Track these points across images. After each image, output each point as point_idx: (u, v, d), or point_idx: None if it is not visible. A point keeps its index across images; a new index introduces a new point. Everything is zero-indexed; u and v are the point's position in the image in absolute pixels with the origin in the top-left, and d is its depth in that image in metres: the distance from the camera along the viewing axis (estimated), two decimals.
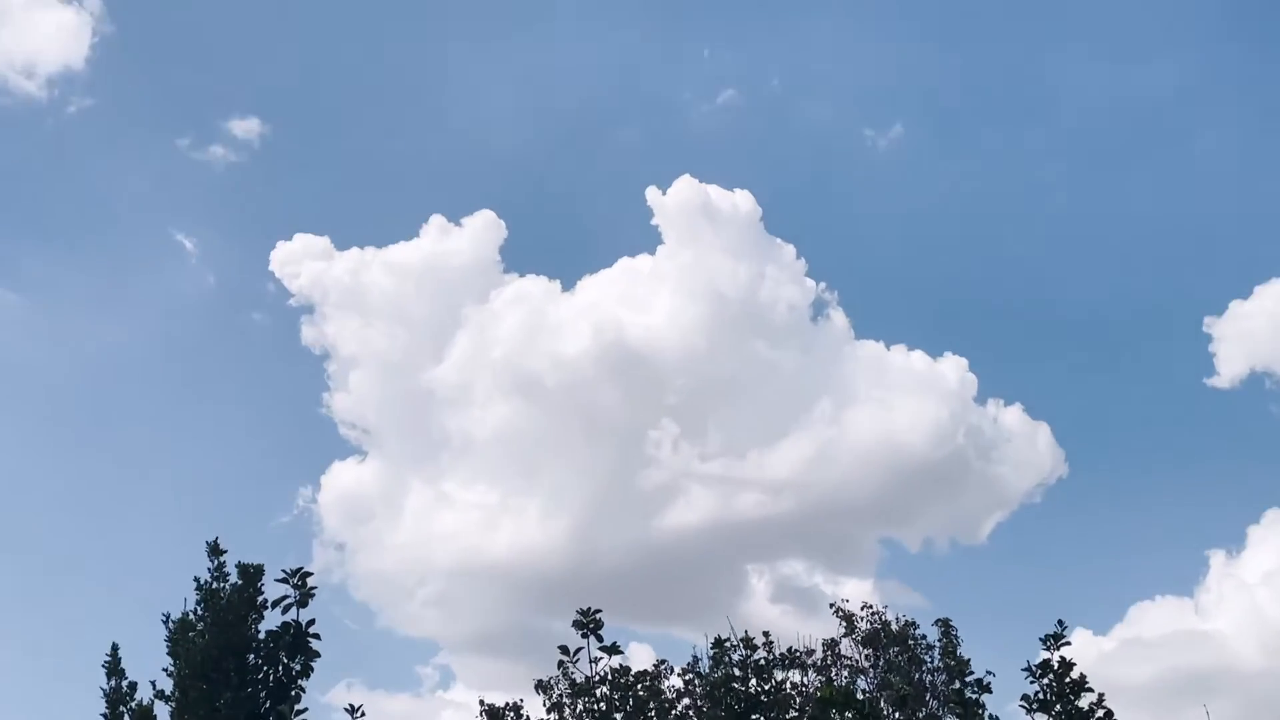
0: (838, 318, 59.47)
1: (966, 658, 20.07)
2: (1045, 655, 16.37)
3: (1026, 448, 57.35)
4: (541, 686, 17.24)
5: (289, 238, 59.05)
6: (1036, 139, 71.66)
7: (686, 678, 19.20)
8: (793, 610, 47.74)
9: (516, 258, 65.53)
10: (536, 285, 58.90)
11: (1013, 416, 58.51)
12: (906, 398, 57.15)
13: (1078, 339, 67.71)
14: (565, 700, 16.36)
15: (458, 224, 58.83)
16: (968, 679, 18.36)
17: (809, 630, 27.73)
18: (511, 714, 17.35)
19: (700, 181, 56.57)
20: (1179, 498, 60.25)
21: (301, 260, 57.88)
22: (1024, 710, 16.17)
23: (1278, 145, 70.37)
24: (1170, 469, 62.82)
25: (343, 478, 59.07)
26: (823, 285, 57.93)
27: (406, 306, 58.49)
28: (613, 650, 15.76)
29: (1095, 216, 69.70)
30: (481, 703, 18.69)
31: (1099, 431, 65.47)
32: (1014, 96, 72.72)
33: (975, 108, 72.90)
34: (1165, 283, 68.07)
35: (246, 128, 62.62)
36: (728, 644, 16.77)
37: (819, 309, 58.49)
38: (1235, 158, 70.16)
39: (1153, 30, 70.64)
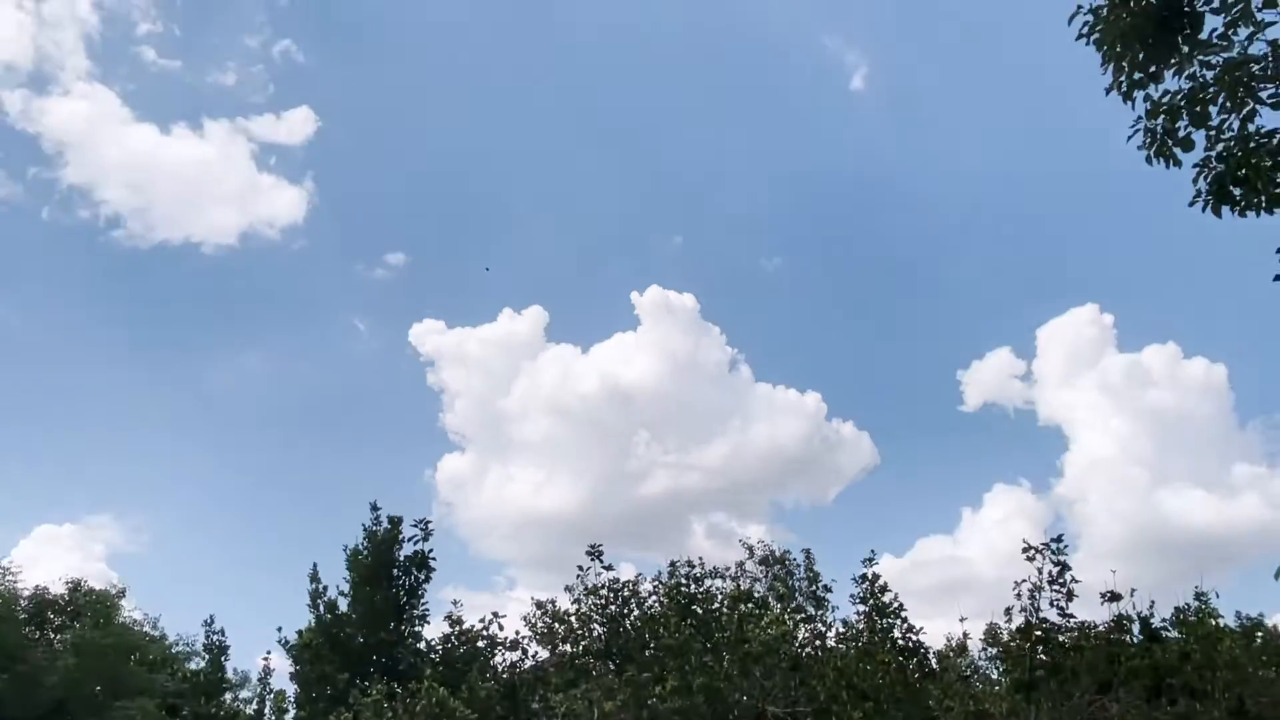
0: (745, 369, 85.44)
1: (818, 572, 30.27)
2: (863, 571, 25.91)
3: (855, 447, 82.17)
4: (568, 589, 27.16)
5: (420, 321, 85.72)
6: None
7: (654, 584, 28.93)
8: (719, 543, 72.71)
9: (555, 333, 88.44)
10: (566, 350, 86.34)
11: (848, 429, 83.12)
12: (784, 417, 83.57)
13: (883, 380, 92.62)
14: (581, 597, 26.25)
15: (519, 313, 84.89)
16: (820, 585, 28.55)
17: (728, 556, 41.15)
18: (550, 604, 27.36)
19: (663, 289, 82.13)
20: (946, 475, 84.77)
21: (427, 335, 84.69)
22: (851, 603, 26.08)
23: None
24: (941, 459, 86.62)
25: (450, 464, 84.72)
26: (735, 350, 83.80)
27: (489, 362, 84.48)
28: (609, 568, 25.96)
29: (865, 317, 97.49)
30: (533, 599, 28.38)
31: (900, 436, 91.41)
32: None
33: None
34: (926, 342, 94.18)
35: (395, 260, 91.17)
36: (677, 564, 26.91)
37: (734, 364, 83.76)
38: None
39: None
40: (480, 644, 23.33)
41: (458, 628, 23.28)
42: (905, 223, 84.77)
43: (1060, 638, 22.07)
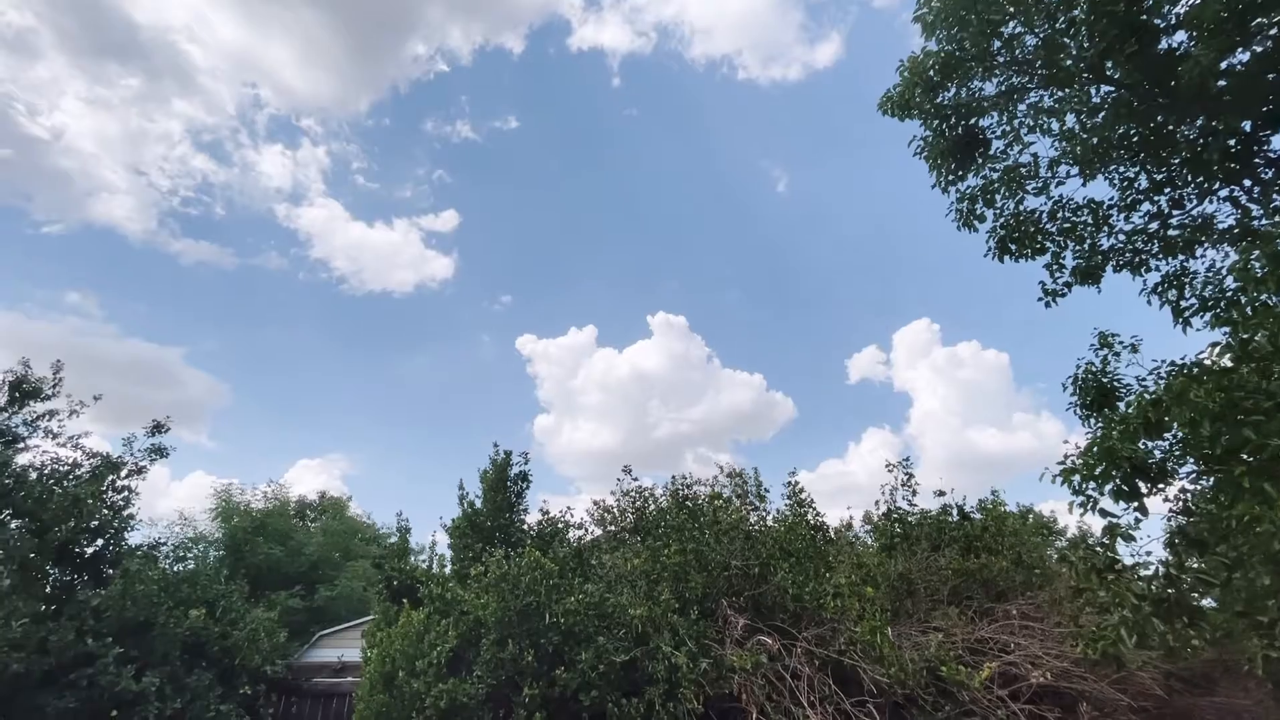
0: (716, 361, 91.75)
1: (761, 481, 42.17)
2: (788, 480, 36.97)
3: (783, 407, 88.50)
4: (612, 493, 36.18)
5: (521, 335, 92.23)
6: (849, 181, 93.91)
7: (663, 490, 39.96)
8: (702, 466, 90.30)
9: (602, 340, 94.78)
10: (609, 352, 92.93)
11: (779, 396, 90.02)
12: (741, 390, 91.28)
13: (801, 364, 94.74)
14: (620, 498, 39.16)
15: (580, 329, 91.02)
16: (762, 489, 41.96)
17: (707, 473, 54.45)
18: (601, 502, 40.63)
19: (667, 314, 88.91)
20: (839, 423, 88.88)
21: (527, 344, 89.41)
22: (781, 498, 37.33)
23: None
24: (836, 413, 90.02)
25: (541, 421, 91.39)
26: (710, 349, 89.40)
27: (562, 359, 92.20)
28: (636, 480, 40.14)
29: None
30: (591, 499, 37.84)
31: (811, 400, 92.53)
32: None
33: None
34: (827, 341, 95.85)
35: (506, 299, 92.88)
36: (677, 478, 39.80)
37: (709, 358, 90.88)
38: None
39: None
40: (559, 526, 30.49)
41: (545, 516, 30.08)
42: (813, 268, 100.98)
43: (909, 518, 29.10)
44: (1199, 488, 15.69)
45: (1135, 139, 20.01)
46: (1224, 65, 18.04)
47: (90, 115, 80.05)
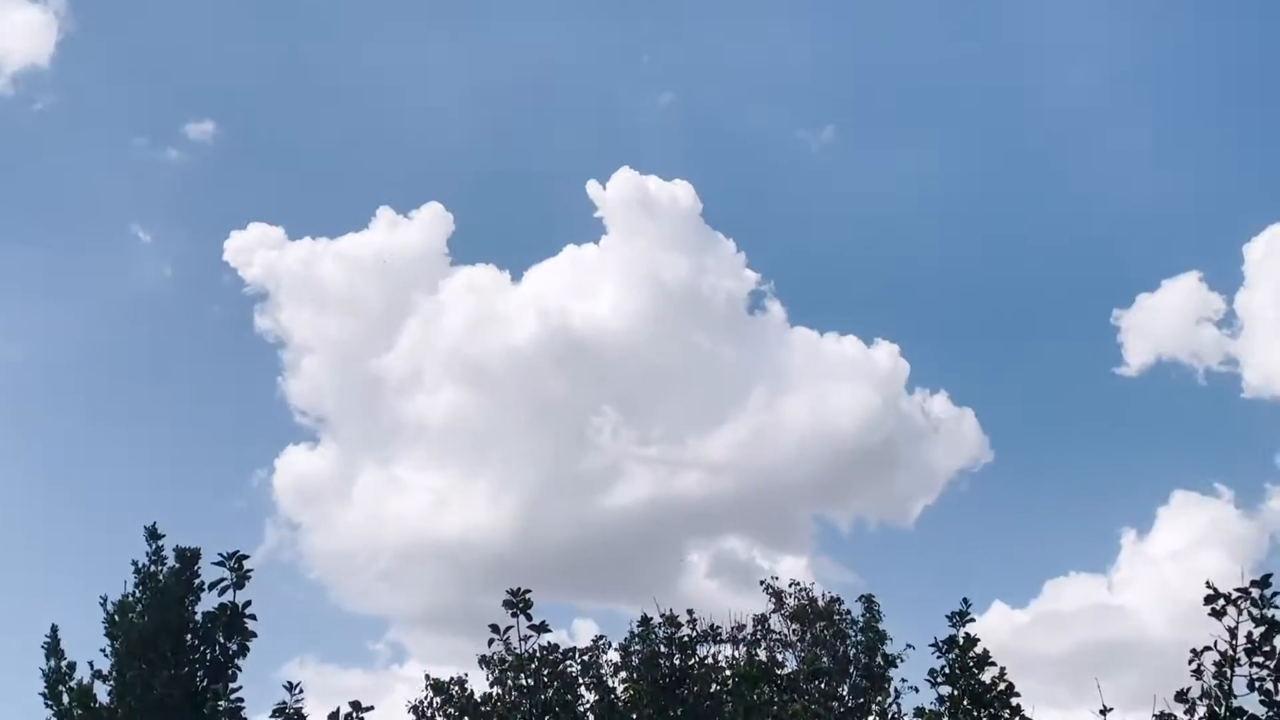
0: (774, 308, 58.52)
1: (884, 631, 20.97)
2: (952, 632, 16.40)
3: (953, 433, 57.15)
4: (484, 661, 17.74)
5: (243, 228, 56.99)
6: (957, 140, 70.12)
7: (621, 653, 19.43)
8: (730, 585, 46.61)
9: (464, 248, 62.47)
10: (484, 275, 59.10)
11: (940, 404, 57.78)
12: (839, 382, 57.61)
13: (998, 329, 66.45)
14: (507, 675, 17.20)
15: (406, 216, 58.47)
16: (882, 653, 19.99)
17: (746, 606, 27.92)
18: (456, 687, 17.95)
19: (640, 173, 55.57)
20: (1093, 480, 59.73)
21: (255, 250, 56.87)
22: (930, 684, 16.57)
23: (1185, 145, 69.39)
24: (1084, 453, 62.66)
25: (296, 461, 58.85)
26: (760, 277, 56.74)
27: (358, 296, 58.62)
28: (541, 628, 17.24)
29: (1014, 214, 68.19)
30: (427, 677, 18.91)
31: (1019, 417, 64.02)
32: (937, 98, 70.68)
33: (901, 109, 71.57)
34: (1078, 276, 66.98)
35: (201, 130, 62.76)
36: (654, 621, 17.81)
37: (757, 300, 57.86)
38: (1146, 156, 67.98)
39: (1070, 32, 68.11)
40: None
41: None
42: None
43: None
44: None
45: None
46: None
47: None
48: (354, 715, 15.57)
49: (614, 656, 19.18)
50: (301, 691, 16.19)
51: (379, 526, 56.92)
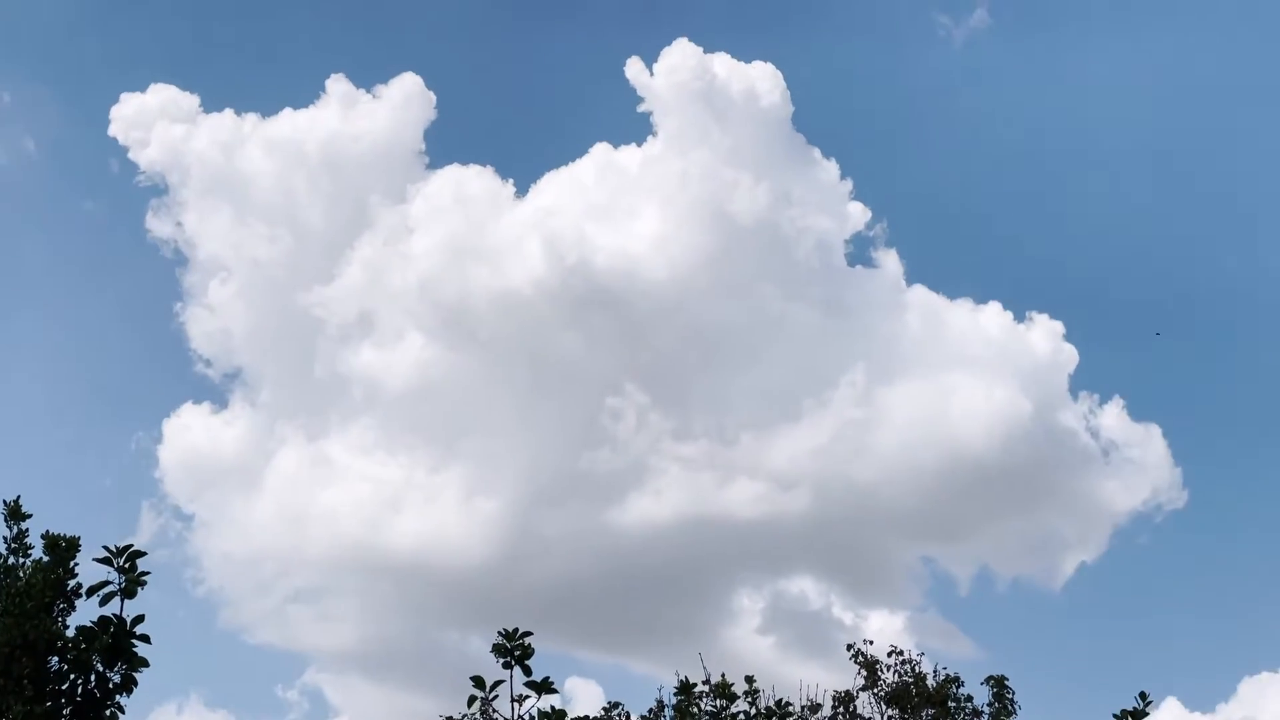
0: (886, 260, 42.51)
1: None
2: None
3: (1133, 460, 43.52)
4: None
5: (141, 89, 42.16)
6: (1161, 50, 52.21)
7: None
8: (794, 645, 36.54)
9: (448, 143, 47.04)
10: (474, 181, 42.94)
11: (1115, 416, 43.85)
12: (974, 372, 42.07)
13: (1199, 317, 50.39)
14: None
15: (369, 91, 43.89)
16: None
17: (815, 676, 22.43)
18: None
19: (704, 51, 39.30)
20: None
21: (154, 123, 41.86)
22: None
23: None
24: None
25: (193, 426, 44.37)
26: (869, 214, 41.43)
27: (294, 199, 42.49)
28: (544, 688, 12.84)
29: (1232, 155, 51.13)
30: None
31: (1223, 442, 48.89)
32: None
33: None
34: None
35: None
36: (697, 690, 13.98)
37: (862, 247, 41.05)
38: None
39: None
40: None
41: None
42: None
43: None
44: None
45: None
46: None
47: None
48: None
49: None
50: None
51: (302, 526, 42.95)
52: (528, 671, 12.57)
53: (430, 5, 54.34)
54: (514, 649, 12.57)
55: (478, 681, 12.53)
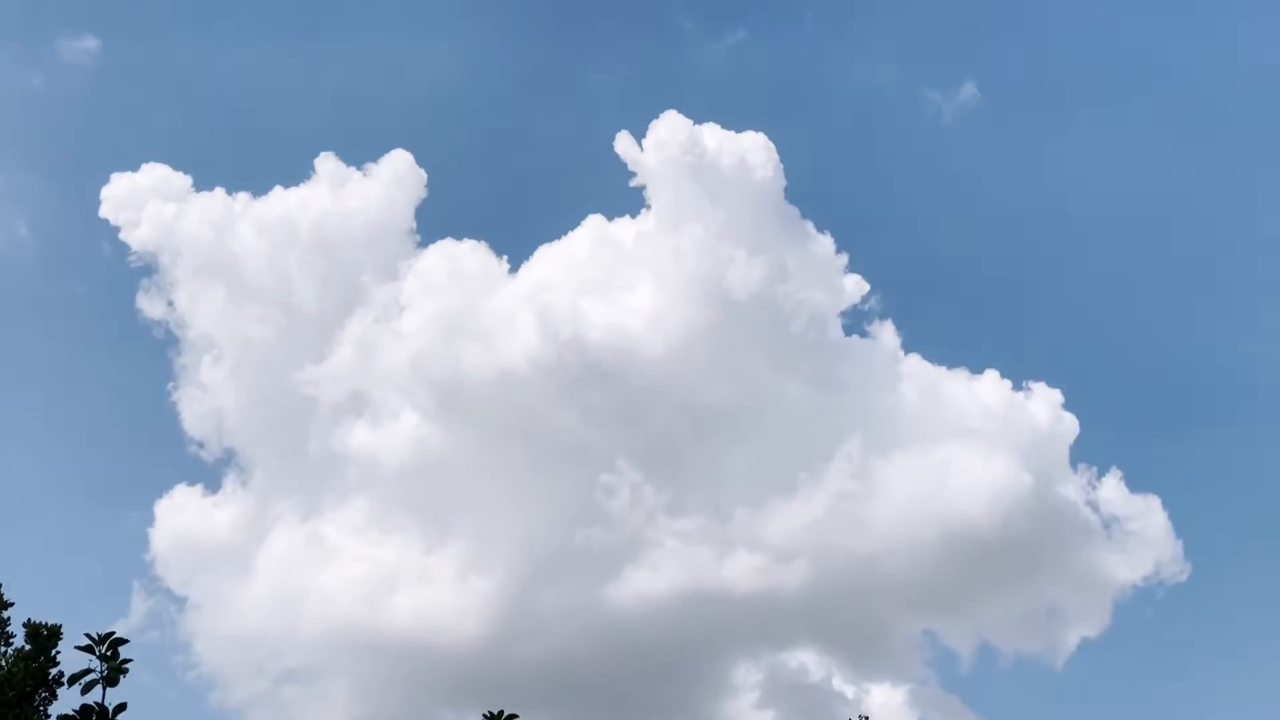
0: (882, 330, 41.45)
1: None
2: None
3: (1133, 533, 41.86)
4: None
5: (133, 168, 41.08)
6: (1151, 122, 54.64)
7: None
8: (794, 718, 35.97)
9: (440, 219, 47.05)
10: (467, 257, 41.20)
11: (1113, 488, 42.43)
12: (964, 445, 40.05)
13: (1195, 392, 52.03)
14: None
15: (359, 169, 42.50)
16: None
17: None
18: None
19: (695, 123, 38.80)
20: None
21: (145, 202, 40.06)
22: None
23: None
24: None
25: (186, 508, 42.16)
26: (866, 287, 40.52)
27: (286, 278, 40.48)
28: None
29: (1222, 228, 54.08)
30: None
31: (1223, 516, 49.81)
32: (1127, 57, 55.58)
33: (1076, 73, 55.69)
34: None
35: (81, 50, 46.46)
36: None
37: (857, 319, 39.71)
38: None
39: None
40: None
41: None
42: None
43: None
44: None
45: None
46: None
47: None
48: None
49: None
50: None
51: (296, 607, 40.88)
52: None
53: (418, 82, 55.93)
54: None
55: None
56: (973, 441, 43.22)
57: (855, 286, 44.94)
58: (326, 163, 45.17)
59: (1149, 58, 54.30)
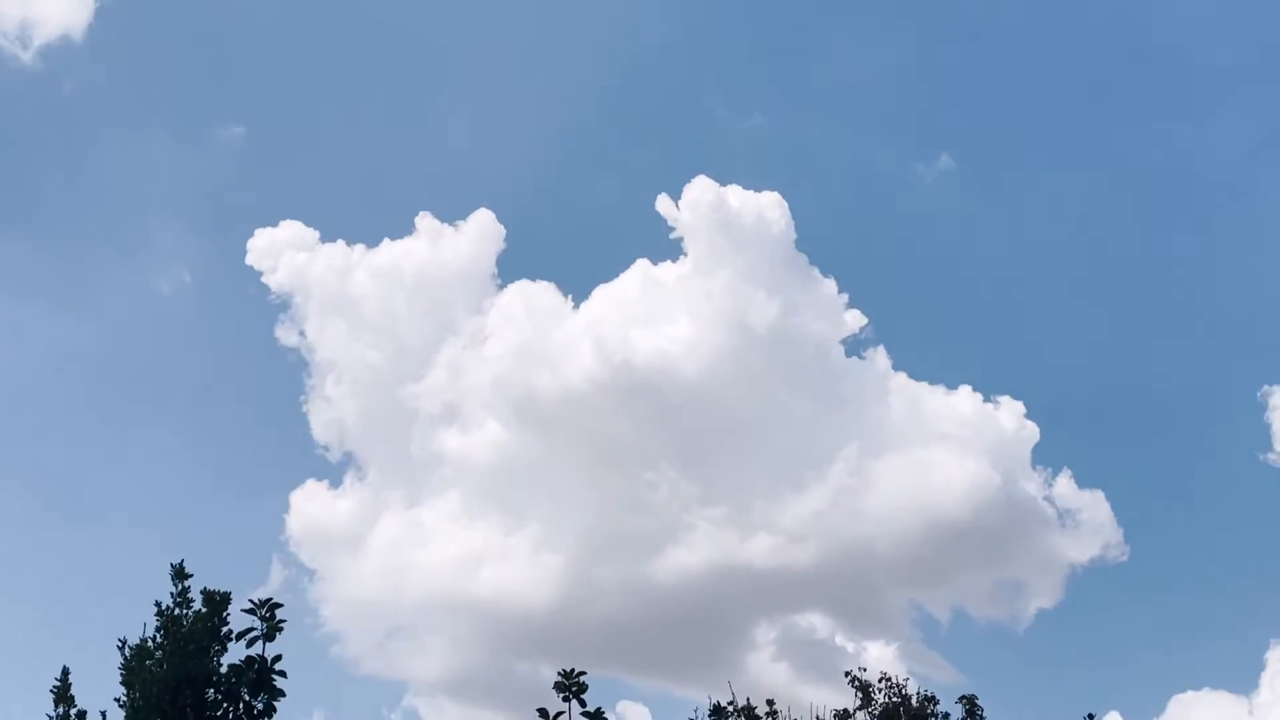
0: (876, 355, 51.98)
1: None
2: None
3: (1084, 521, 51.45)
4: None
5: (266, 228, 52.02)
6: (1093, 185, 65.41)
7: None
8: (803, 670, 44.11)
9: (516, 264, 59.99)
10: (538, 296, 52.62)
11: (1065, 484, 51.82)
12: (944, 447, 50.40)
13: (1133, 405, 61.46)
14: None
15: (452, 225, 53.02)
16: None
17: (821, 697, 25.31)
18: None
19: (720, 185, 48.99)
20: (1239, 585, 54.81)
21: (283, 252, 51.43)
22: None
23: None
24: (1230, 552, 56.75)
25: (315, 497, 53.33)
26: (863, 319, 50.20)
27: (393, 312, 52.50)
28: (597, 717, 15.68)
29: (1155, 270, 63.63)
30: None
31: (1155, 505, 59.07)
32: (1070, 141, 66.36)
33: (1030, 145, 67.19)
34: (1225, 345, 62.44)
35: (232, 135, 60.10)
36: (728, 710, 16.33)
37: (854, 346, 50.52)
38: None
39: (1217, 83, 65.01)
40: None
41: None
42: None
43: None
44: None
45: None
46: None
47: None
48: None
49: None
50: None
51: (403, 578, 51.30)
52: (583, 704, 15.32)
53: (499, 153, 64.36)
54: (571, 685, 15.31)
55: (543, 713, 15.33)
56: (950, 445, 51.85)
57: (853, 319, 51.38)
58: (425, 221, 53.87)
59: (1103, 134, 64.29)
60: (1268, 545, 54.50)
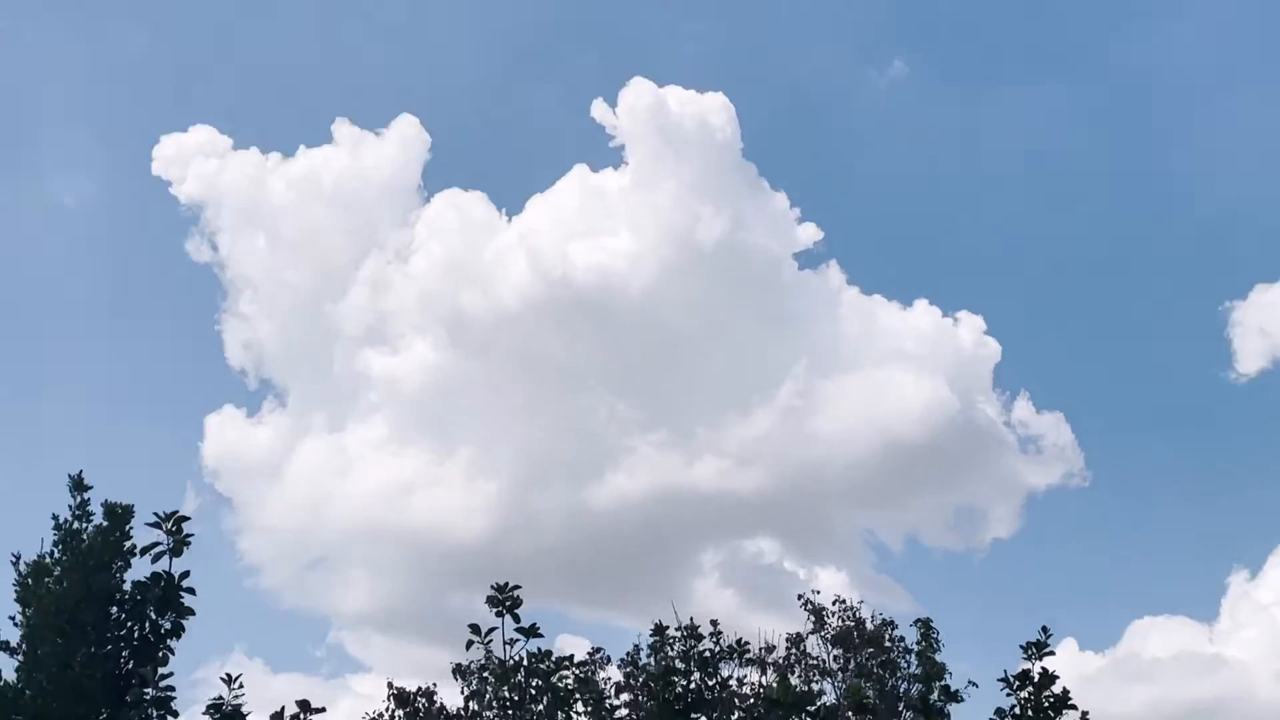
0: (829, 271, 49.83)
1: (943, 664, 17.91)
2: (1026, 666, 14.33)
3: (1044, 444, 50.51)
4: (460, 672, 15.42)
5: (182, 129, 48.47)
6: (1052, 94, 63.59)
7: (626, 670, 17.36)
8: (751, 597, 41.88)
9: (443, 173, 57.36)
10: (468, 207, 49.41)
11: (1024, 406, 50.67)
12: (899, 365, 48.35)
13: (1094, 316, 59.88)
14: (487, 688, 14.76)
15: (374, 132, 49.85)
16: (939, 686, 17.43)
17: (772, 624, 24.35)
18: (423, 699, 15.61)
19: (659, 86, 45.77)
20: (1198, 509, 54.31)
21: (191, 160, 47.70)
22: None
23: None
24: (1189, 475, 56.23)
25: (232, 421, 51.01)
26: (816, 232, 47.79)
27: (312, 226, 49.10)
28: (531, 632, 14.59)
29: (1118, 180, 62.26)
30: (390, 685, 16.66)
31: (1116, 426, 57.74)
32: (1028, 48, 64.44)
33: (988, 54, 64.60)
34: (1188, 259, 60.54)
35: (137, 32, 57.19)
36: (670, 632, 15.46)
37: (806, 261, 48.94)
38: (1271, 131, 63.34)
39: None
40: None
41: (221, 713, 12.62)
42: None
43: None
44: None
45: None
46: None
47: None
48: (301, 716, 13.39)
49: (616, 674, 16.58)
50: (241, 686, 13.80)
51: (325, 507, 48.56)
52: (517, 620, 14.36)
53: (422, 57, 60.50)
54: (505, 600, 14.36)
55: (475, 628, 14.40)
56: (906, 364, 49.70)
57: (805, 233, 48.90)
58: (344, 129, 50.63)
59: (1061, 41, 62.23)
60: (1230, 469, 55.16)
